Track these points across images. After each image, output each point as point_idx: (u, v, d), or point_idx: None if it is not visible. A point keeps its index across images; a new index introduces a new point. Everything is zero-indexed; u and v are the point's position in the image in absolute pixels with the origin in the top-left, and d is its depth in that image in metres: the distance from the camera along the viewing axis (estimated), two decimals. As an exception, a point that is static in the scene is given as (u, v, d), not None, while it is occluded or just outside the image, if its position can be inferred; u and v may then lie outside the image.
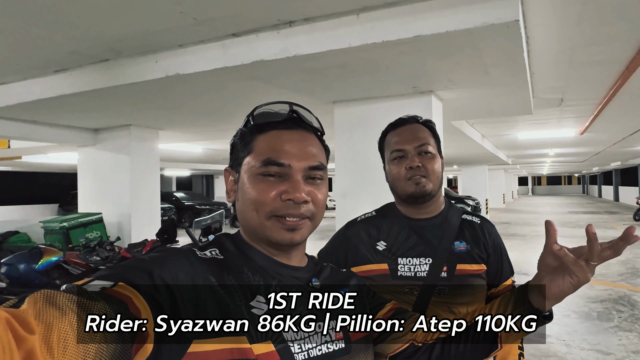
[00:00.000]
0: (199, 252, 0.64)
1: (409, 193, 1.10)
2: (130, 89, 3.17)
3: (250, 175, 0.66)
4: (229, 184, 0.72)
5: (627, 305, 4.67)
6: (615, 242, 0.64)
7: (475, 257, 1.13)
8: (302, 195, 0.64)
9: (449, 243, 1.13)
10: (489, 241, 1.16)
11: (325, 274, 0.76)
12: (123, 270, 0.53)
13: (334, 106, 3.82)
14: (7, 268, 3.39)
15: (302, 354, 0.62)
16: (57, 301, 0.43)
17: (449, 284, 1.09)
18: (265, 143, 0.67)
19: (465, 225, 1.17)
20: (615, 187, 26.49)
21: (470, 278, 1.11)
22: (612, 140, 9.34)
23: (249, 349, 0.57)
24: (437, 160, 1.12)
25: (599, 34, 2.70)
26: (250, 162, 0.66)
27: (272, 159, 0.65)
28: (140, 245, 3.97)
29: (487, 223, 1.21)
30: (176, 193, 15.50)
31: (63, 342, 0.40)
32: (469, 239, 1.15)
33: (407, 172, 1.10)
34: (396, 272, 1.11)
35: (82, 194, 5.36)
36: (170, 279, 0.54)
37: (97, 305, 0.45)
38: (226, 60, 2.65)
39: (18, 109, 3.81)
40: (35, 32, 2.44)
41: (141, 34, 2.54)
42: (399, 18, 2.22)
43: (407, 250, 1.12)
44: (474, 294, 1.11)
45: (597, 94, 4.44)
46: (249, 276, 0.64)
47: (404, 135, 1.13)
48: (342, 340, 0.69)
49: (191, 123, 4.99)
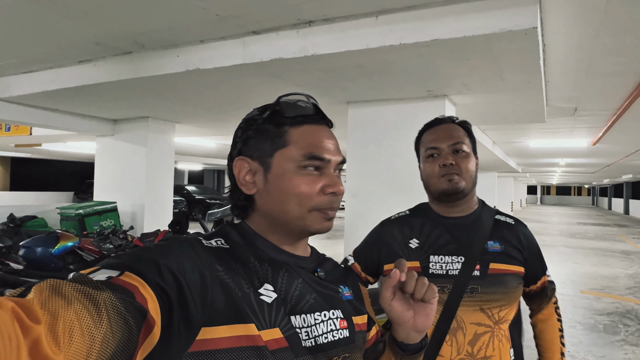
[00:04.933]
0: (205, 240, 0.64)
1: (441, 190, 1.11)
2: (151, 81, 3.24)
3: (292, 168, 0.66)
4: (243, 174, 0.69)
5: (635, 319, 4.62)
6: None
7: (511, 257, 1.12)
8: (342, 188, 0.69)
9: (482, 242, 1.12)
10: (524, 243, 1.15)
11: (327, 265, 0.77)
12: (129, 259, 0.53)
13: (348, 106, 3.86)
14: (25, 251, 3.48)
15: (310, 341, 0.64)
16: (63, 290, 0.42)
17: (482, 282, 1.08)
18: (303, 137, 0.68)
19: (499, 225, 1.17)
20: (626, 200, 26.09)
21: (505, 277, 1.10)
22: (625, 152, 9.22)
23: (258, 335, 0.58)
24: (471, 160, 1.13)
25: (617, 45, 2.70)
26: (289, 155, 0.67)
27: (315, 154, 0.67)
28: (152, 235, 4.05)
29: (521, 224, 1.20)
30: (188, 186, 15.64)
31: (69, 331, 0.39)
32: (503, 239, 1.14)
33: (440, 169, 1.11)
34: (427, 269, 1.11)
35: (98, 182, 5.47)
36: (177, 268, 0.54)
37: (103, 295, 0.45)
38: (245, 56, 2.71)
39: (42, 97, 3.92)
40: (62, 23, 2.52)
41: (165, 28, 2.61)
42: (417, 21, 2.25)
43: (439, 248, 1.13)
44: (508, 294, 1.10)
45: (611, 105, 4.41)
46: (256, 265, 0.65)
47: (439, 133, 1.15)
48: (347, 329, 0.70)
49: (207, 117, 5.06)
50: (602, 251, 9.71)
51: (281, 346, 0.60)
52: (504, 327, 1.12)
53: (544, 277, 1.21)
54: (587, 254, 9.34)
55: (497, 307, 1.09)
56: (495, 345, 1.09)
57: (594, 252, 9.53)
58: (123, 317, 0.45)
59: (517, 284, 1.13)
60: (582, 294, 5.75)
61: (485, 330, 1.08)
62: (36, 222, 5.08)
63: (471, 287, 1.08)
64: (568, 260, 8.42)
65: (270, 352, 0.58)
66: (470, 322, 1.08)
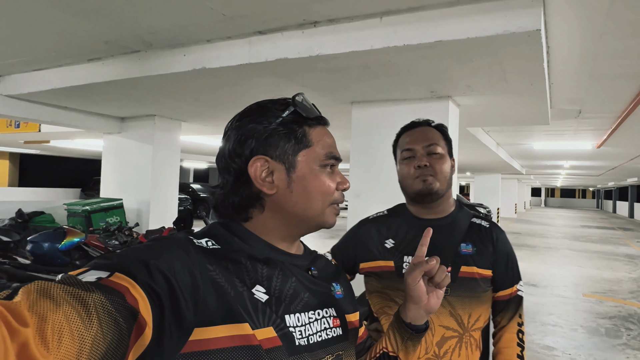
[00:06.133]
0: (196, 240, 0.63)
1: (416, 191, 1.14)
2: (158, 80, 3.29)
3: (316, 167, 0.70)
4: (264, 174, 0.67)
5: (637, 324, 4.61)
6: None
7: (482, 261, 1.13)
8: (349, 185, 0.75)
9: (455, 244, 1.14)
10: (496, 246, 1.17)
11: (320, 263, 0.78)
12: (119, 259, 0.52)
13: (352, 107, 3.88)
14: (33, 245, 3.54)
15: (303, 340, 0.64)
16: (51, 292, 0.42)
17: (452, 284, 1.09)
18: (322, 137, 0.72)
19: (474, 228, 1.18)
20: (631, 203, 25.90)
21: (474, 281, 1.12)
22: (630, 155, 9.17)
23: (252, 334, 0.58)
24: (445, 161, 1.15)
25: (621, 47, 2.70)
26: (314, 155, 0.70)
27: (334, 153, 0.72)
28: (157, 232, 4.10)
29: (497, 228, 1.21)
30: (193, 185, 15.75)
31: (58, 333, 0.39)
32: (476, 241, 1.15)
33: (415, 170, 1.14)
34: (401, 269, 1.13)
35: (105, 179, 5.52)
36: (167, 268, 0.54)
37: (93, 296, 0.44)
38: (251, 56, 2.74)
39: (51, 94, 3.97)
40: (72, 21, 2.57)
41: (172, 27, 2.65)
42: (421, 23, 2.27)
43: (413, 249, 1.12)
44: (476, 298, 1.11)
45: (616, 107, 4.41)
46: (248, 265, 0.64)
47: (415, 136, 1.18)
48: (340, 328, 0.72)
49: (213, 116, 5.10)
50: (606, 254, 9.67)
51: (275, 345, 0.60)
52: (476, 335, 1.12)
53: (513, 287, 1.18)
54: (590, 257, 9.30)
55: (467, 312, 1.11)
56: (463, 352, 1.10)
57: (597, 256, 9.49)
58: (113, 318, 0.45)
59: (487, 288, 1.15)
60: (584, 297, 5.74)
61: (452, 334, 1.10)
62: (44, 218, 5.15)
63: None
64: (571, 263, 8.39)
65: (264, 351, 0.58)
66: (439, 324, 1.10)
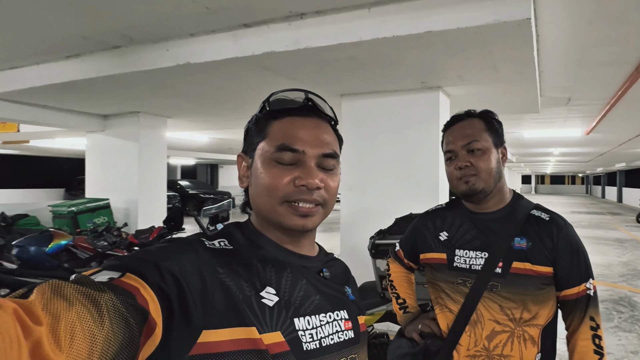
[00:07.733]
0: (208, 241, 0.63)
1: (461, 192, 1.13)
2: (140, 76, 3.19)
3: (264, 161, 0.65)
4: (241, 170, 0.71)
5: (628, 306, 4.70)
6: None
7: (538, 257, 1.07)
8: (316, 181, 0.64)
9: (508, 238, 1.09)
10: (557, 241, 1.08)
11: (334, 265, 0.76)
12: (130, 261, 0.53)
13: (342, 99, 3.83)
14: (19, 250, 3.44)
15: (314, 344, 0.63)
16: (64, 292, 0.42)
17: (502, 280, 1.06)
18: (279, 129, 0.66)
19: (532, 221, 1.12)
20: (619, 188, 26.34)
21: (527, 278, 1.06)
22: (618, 141, 9.28)
23: (259, 339, 0.57)
24: (488, 156, 1.10)
25: (610, 34, 2.69)
26: (264, 148, 0.66)
27: (286, 144, 0.64)
28: (147, 231, 4.02)
29: (558, 221, 1.12)
30: (181, 181, 15.61)
31: (70, 332, 0.39)
32: (532, 236, 1.09)
33: (457, 172, 1.11)
34: (452, 262, 1.14)
35: (90, 179, 5.41)
36: (177, 270, 0.54)
37: (105, 296, 0.45)
38: (237, 50, 2.67)
39: (29, 93, 3.85)
40: (47, 16, 2.46)
41: (154, 21, 2.56)
42: (410, 13, 2.23)
43: (465, 242, 1.14)
44: (530, 295, 1.06)
45: (605, 95, 4.42)
46: (259, 267, 0.63)
47: (454, 134, 1.15)
48: (352, 330, 0.69)
49: (199, 112, 5.01)
50: (596, 239, 9.83)
51: (283, 350, 0.59)
52: (531, 331, 1.07)
53: (581, 285, 1.08)
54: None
55: (519, 308, 1.06)
56: (515, 346, 1.06)
57: (587, 241, 9.63)
58: (124, 318, 0.45)
59: (543, 286, 1.07)
60: (575, 283, 5.82)
61: (503, 329, 1.07)
62: (28, 221, 5.03)
63: (492, 284, 1.08)
64: (562, 249, 8.50)
65: (271, 355, 0.57)
66: (489, 318, 1.08)
